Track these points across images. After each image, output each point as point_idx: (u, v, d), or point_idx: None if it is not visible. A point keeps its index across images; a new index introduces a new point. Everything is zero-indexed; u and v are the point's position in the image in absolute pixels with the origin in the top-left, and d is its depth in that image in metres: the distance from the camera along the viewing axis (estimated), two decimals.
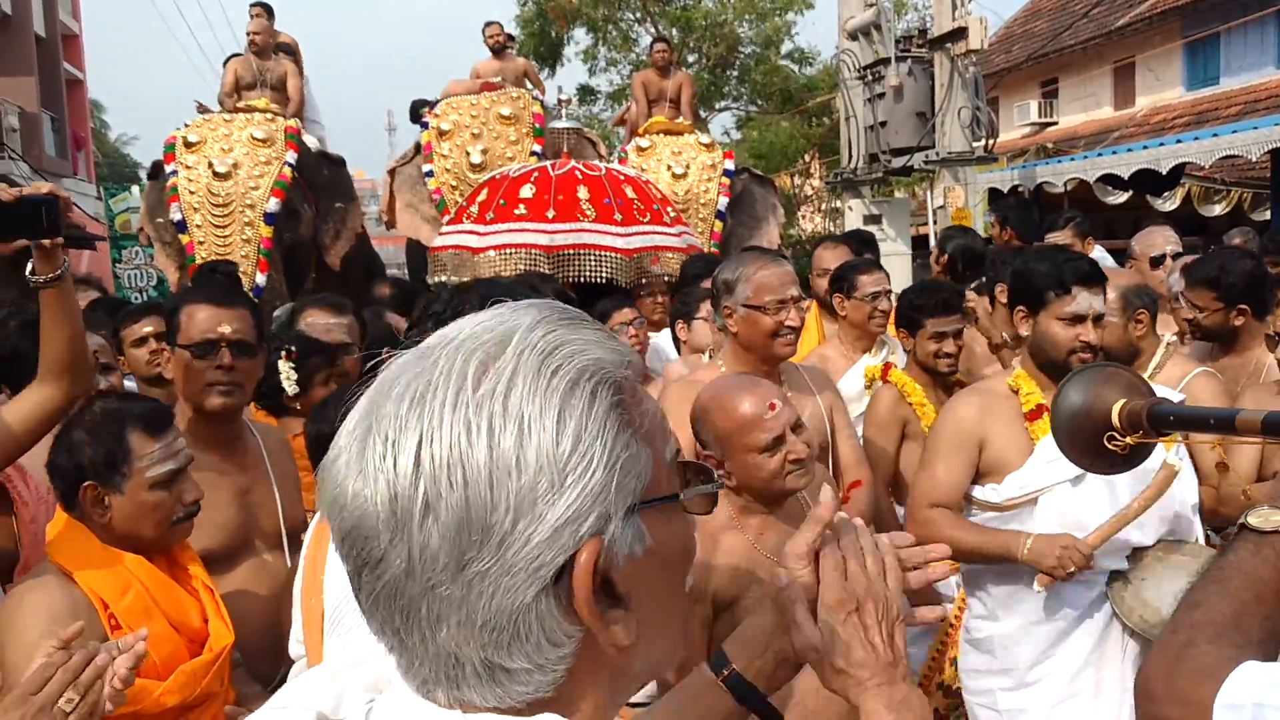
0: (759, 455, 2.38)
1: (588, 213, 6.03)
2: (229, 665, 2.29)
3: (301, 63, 9.50)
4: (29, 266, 2.30)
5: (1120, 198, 11.23)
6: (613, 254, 5.95)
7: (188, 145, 8.10)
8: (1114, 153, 11.91)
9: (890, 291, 4.31)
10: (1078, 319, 2.83)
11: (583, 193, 6.10)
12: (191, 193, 7.96)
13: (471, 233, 6.19)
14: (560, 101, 8.07)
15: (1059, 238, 5.43)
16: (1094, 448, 1.54)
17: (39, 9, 21.03)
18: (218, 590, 2.51)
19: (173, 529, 2.24)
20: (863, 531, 1.18)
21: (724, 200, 8.66)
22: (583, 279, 5.94)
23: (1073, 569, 2.71)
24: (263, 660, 2.49)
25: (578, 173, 6.27)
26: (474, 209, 6.32)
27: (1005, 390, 2.97)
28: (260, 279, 7.87)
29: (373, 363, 0.83)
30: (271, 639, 2.47)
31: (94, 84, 29.87)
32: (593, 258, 5.92)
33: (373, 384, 0.79)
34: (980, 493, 2.97)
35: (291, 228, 8.19)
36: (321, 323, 3.84)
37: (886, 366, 4.05)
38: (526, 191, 6.15)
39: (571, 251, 5.93)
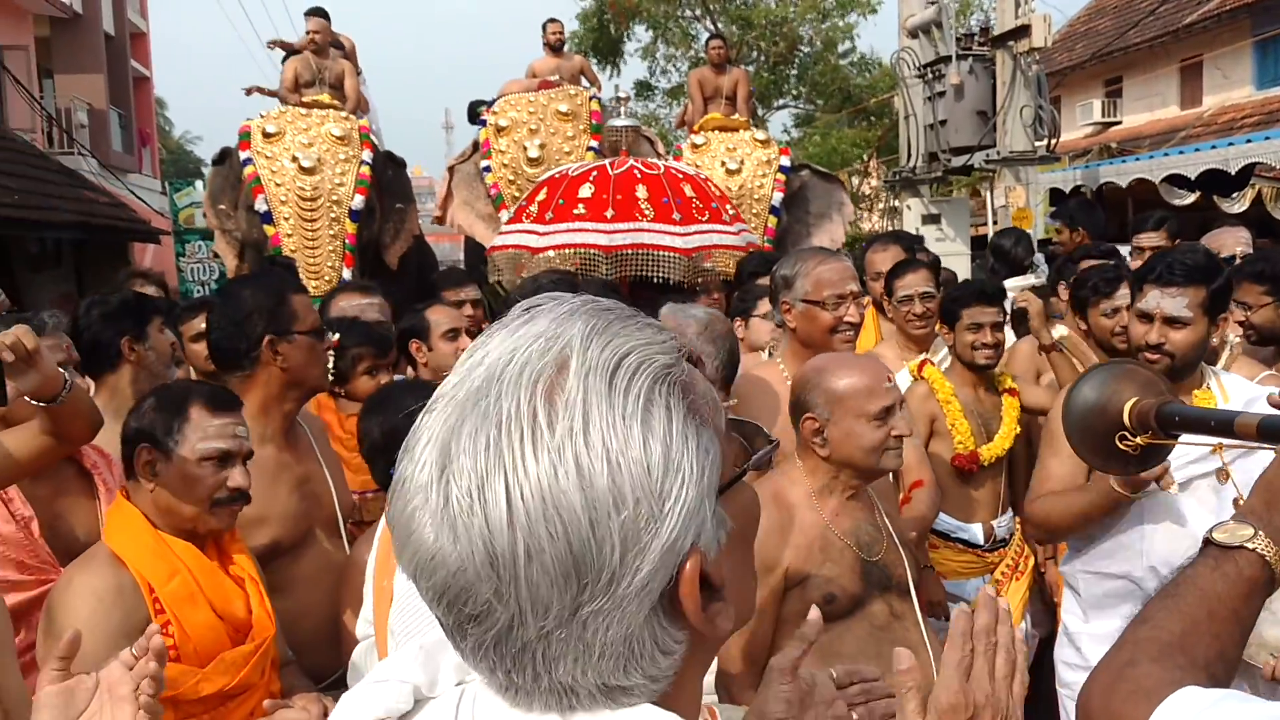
0: (868, 423, 2.40)
1: (646, 212, 6.02)
2: (271, 657, 2.30)
3: (358, 63, 9.62)
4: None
5: (1187, 199, 10.99)
6: (671, 254, 5.94)
7: (266, 136, 8.21)
8: (1180, 152, 11.67)
9: (929, 293, 4.23)
10: (1145, 316, 2.79)
11: (641, 192, 6.09)
12: (278, 185, 8.08)
13: (531, 232, 6.21)
14: (619, 99, 8.09)
15: (1151, 238, 5.31)
16: (1106, 447, 1.51)
17: (108, 7, 21.45)
18: (286, 582, 2.54)
19: (213, 511, 2.23)
20: (1003, 619, 1.13)
21: (778, 195, 8.64)
22: (641, 278, 5.94)
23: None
24: (322, 653, 2.51)
25: (636, 172, 6.26)
26: (533, 208, 6.34)
27: None
28: (346, 274, 8.01)
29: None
30: (330, 631, 2.49)
31: (159, 82, 30.44)
32: (651, 258, 5.91)
33: (431, 419, 0.75)
34: None
35: (368, 225, 8.32)
36: (354, 304, 3.91)
37: (922, 363, 3.99)
38: (585, 191, 6.16)
39: (630, 251, 5.92)
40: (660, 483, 0.70)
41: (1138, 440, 1.47)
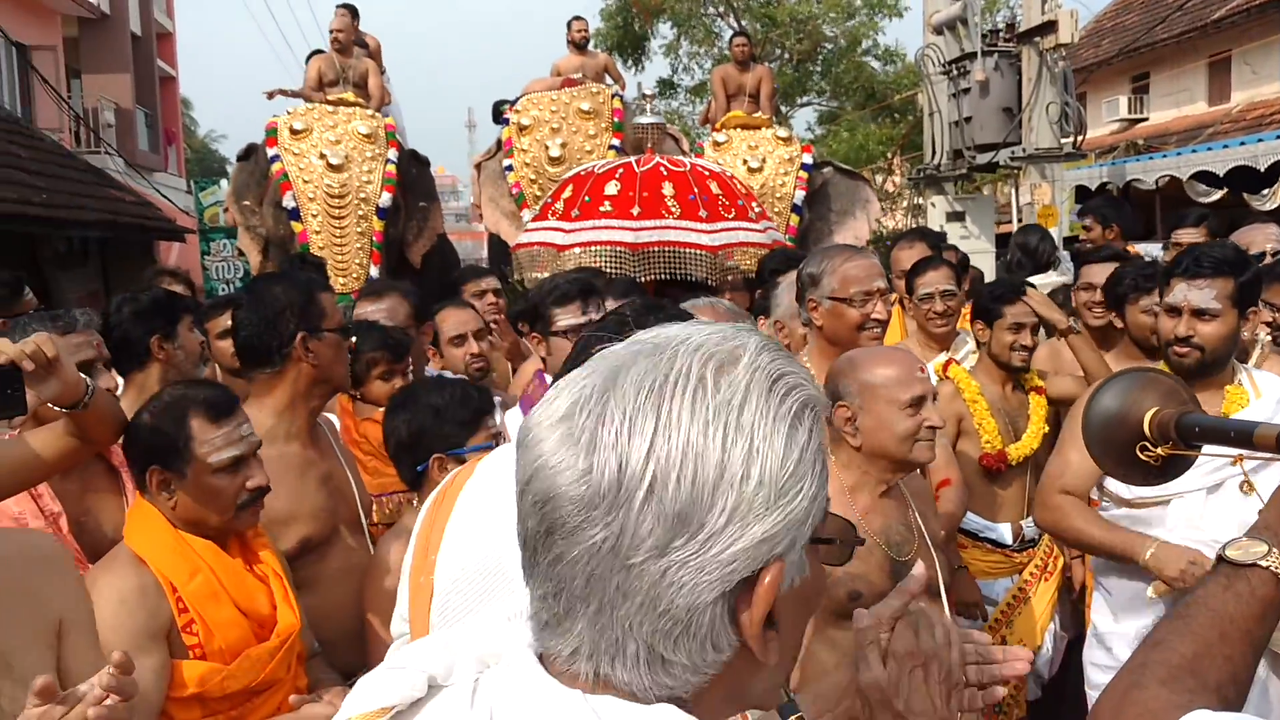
0: (899, 411, 2.40)
1: (672, 209, 6.00)
2: (296, 652, 2.30)
3: (381, 62, 9.65)
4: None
5: (1214, 196, 10.89)
6: (698, 251, 5.92)
7: (294, 133, 8.25)
8: (1209, 149, 11.57)
9: (949, 291, 4.19)
10: (1173, 310, 2.79)
11: (667, 189, 6.08)
12: (306, 182, 8.11)
13: (557, 229, 6.20)
14: (644, 96, 8.06)
15: (1191, 235, 5.27)
16: (1127, 457, 1.48)
17: (135, 8, 21.61)
18: (313, 579, 2.55)
19: (239, 514, 2.24)
20: (939, 618, 1.28)
21: (800, 194, 8.61)
22: (667, 276, 5.92)
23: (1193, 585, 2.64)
24: (347, 650, 2.52)
25: (662, 169, 6.25)
26: (559, 205, 6.34)
27: None
28: (374, 271, 8.06)
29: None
30: (356, 629, 2.50)
31: (184, 82, 30.64)
32: (678, 255, 5.90)
33: (599, 362, 0.81)
34: (1112, 484, 2.92)
35: (394, 223, 8.36)
36: (362, 311, 3.94)
37: (947, 363, 3.95)
38: (611, 189, 6.15)
39: (657, 249, 5.91)
40: (786, 481, 0.77)
41: (1159, 451, 1.45)
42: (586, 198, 6.18)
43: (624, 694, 0.79)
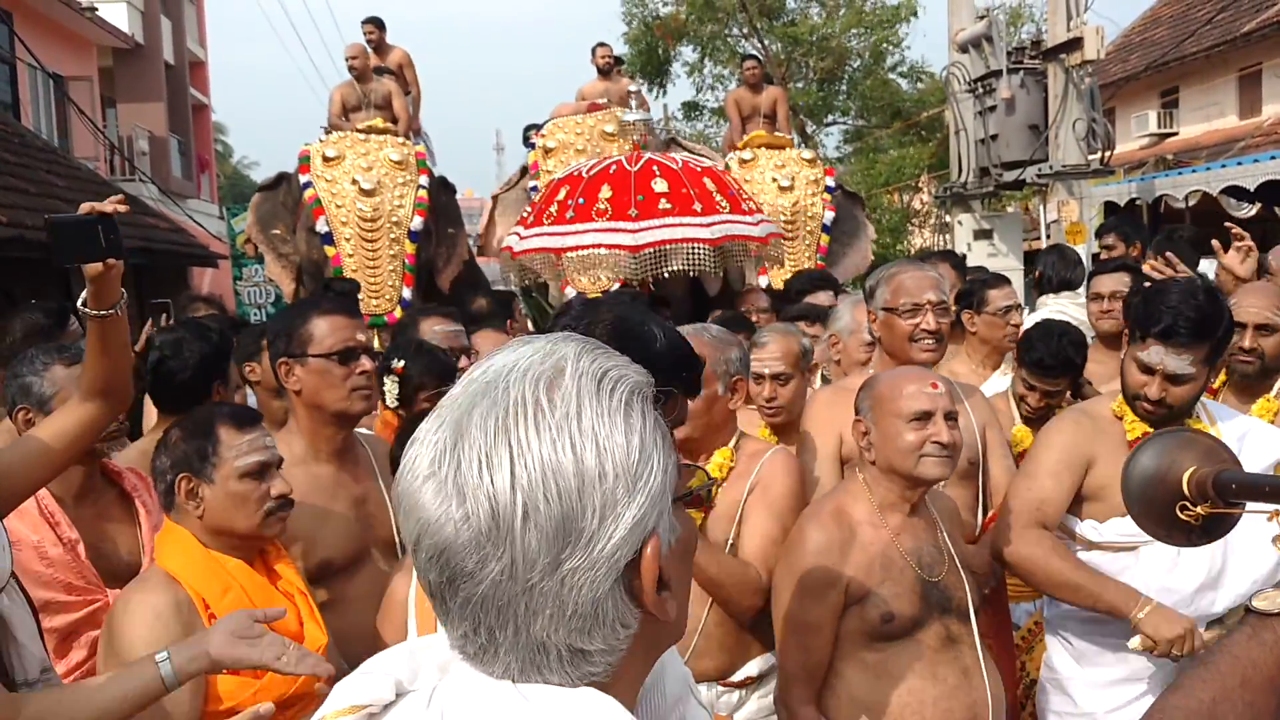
0: (905, 424, 2.39)
1: (666, 206, 5.89)
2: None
3: (414, 72, 9.79)
4: (81, 297, 2.24)
5: (1248, 211, 10.80)
6: (697, 245, 5.78)
7: (326, 160, 8.36)
8: (1239, 163, 11.47)
9: (1020, 306, 4.18)
10: (1146, 369, 2.67)
11: (660, 186, 5.92)
12: (339, 206, 8.23)
13: (552, 234, 6.09)
14: (631, 93, 7.94)
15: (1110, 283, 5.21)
16: (1168, 518, 1.46)
17: (168, 38, 21.98)
18: (339, 601, 2.57)
19: (266, 521, 2.29)
20: None
21: (829, 214, 8.69)
22: (668, 274, 5.83)
23: (1178, 655, 2.53)
24: None
25: (654, 168, 6.12)
26: (553, 209, 6.23)
27: (1110, 414, 2.81)
28: (406, 293, 8.17)
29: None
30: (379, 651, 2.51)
31: (217, 109, 31.05)
32: (677, 251, 5.75)
33: (441, 412, 0.88)
34: (1080, 528, 2.80)
35: (425, 247, 8.46)
36: (442, 330, 3.95)
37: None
38: (606, 191, 6.02)
39: (654, 249, 5.76)
40: (636, 466, 0.85)
41: (1198, 510, 1.44)
42: (581, 199, 6.09)
43: (550, 683, 0.87)
